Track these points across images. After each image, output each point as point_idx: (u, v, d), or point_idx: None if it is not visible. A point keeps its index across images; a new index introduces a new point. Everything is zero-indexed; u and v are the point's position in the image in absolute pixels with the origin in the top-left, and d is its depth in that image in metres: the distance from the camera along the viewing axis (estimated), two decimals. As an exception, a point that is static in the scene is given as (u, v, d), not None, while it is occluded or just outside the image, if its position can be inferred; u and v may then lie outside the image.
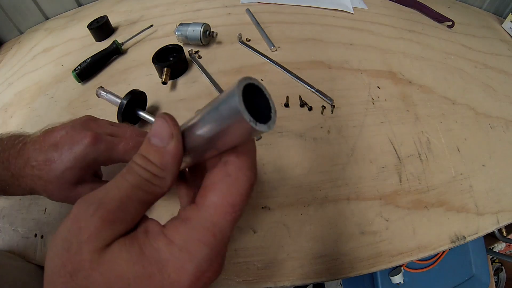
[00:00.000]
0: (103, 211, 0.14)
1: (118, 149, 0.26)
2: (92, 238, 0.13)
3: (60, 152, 0.25)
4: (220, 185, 0.15)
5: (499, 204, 0.37)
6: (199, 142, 0.15)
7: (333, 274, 0.31)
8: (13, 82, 0.58)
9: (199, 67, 0.50)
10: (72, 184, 0.26)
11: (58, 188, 0.25)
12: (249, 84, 0.13)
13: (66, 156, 0.25)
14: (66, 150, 0.25)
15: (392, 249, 0.32)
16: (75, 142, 0.25)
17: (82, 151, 0.25)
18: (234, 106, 0.12)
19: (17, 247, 0.35)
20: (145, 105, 0.43)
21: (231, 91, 0.12)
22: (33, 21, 0.75)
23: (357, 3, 0.66)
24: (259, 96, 0.13)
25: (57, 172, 0.25)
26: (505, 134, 0.44)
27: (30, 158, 0.25)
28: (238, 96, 0.12)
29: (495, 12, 0.74)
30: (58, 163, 0.25)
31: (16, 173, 0.26)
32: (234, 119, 0.12)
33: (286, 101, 0.43)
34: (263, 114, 0.13)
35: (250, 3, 0.64)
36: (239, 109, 0.12)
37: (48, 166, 0.25)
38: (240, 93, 0.12)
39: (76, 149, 0.25)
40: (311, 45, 0.53)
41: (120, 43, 0.54)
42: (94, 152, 0.25)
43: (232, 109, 0.12)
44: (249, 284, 0.30)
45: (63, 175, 0.25)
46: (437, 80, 0.49)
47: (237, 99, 0.12)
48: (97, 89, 0.42)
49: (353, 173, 0.37)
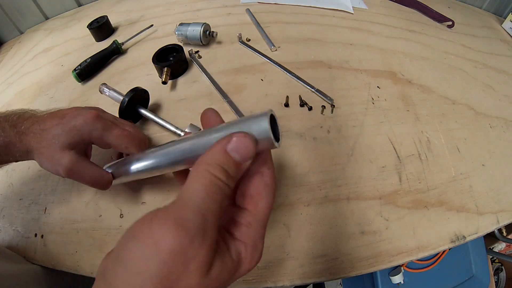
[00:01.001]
0: (209, 241, 0.16)
1: (112, 133, 0.30)
2: (200, 267, 0.16)
3: (65, 119, 0.29)
4: (265, 193, 0.19)
5: (499, 204, 0.37)
6: None
7: (333, 273, 0.31)
8: (13, 82, 0.58)
9: (199, 67, 0.50)
10: (60, 148, 0.28)
11: (48, 146, 0.28)
12: (272, 115, 0.19)
13: (68, 122, 0.29)
14: (70, 117, 0.29)
15: (392, 248, 0.32)
16: (78, 114, 0.29)
17: (82, 121, 0.29)
18: (265, 128, 0.18)
19: (17, 247, 0.35)
20: (147, 103, 0.44)
21: (261, 117, 0.18)
22: (33, 21, 0.75)
23: (357, 3, 0.66)
24: (273, 121, 0.19)
25: (55, 132, 0.28)
26: (505, 134, 0.44)
27: (39, 121, 0.29)
28: (268, 123, 0.18)
29: (495, 12, 0.74)
30: (59, 126, 0.28)
31: (21, 131, 0.29)
32: (264, 138, 0.18)
33: (286, 101, 0.43)
34: (275, 134, 0.19)
35: (250, 3, 0.64)
36: (268, 132, 0.18)
37: (51, 127, 0.29)
38: (268, 121, 0.18)
39: (77, 119, 0.29)
40: (311, 45, 0.53)
41: (120, 43, 0.54)
42: (91, 126, 0.29)
43: (263, 131, 0.18)
44: (249, 284, 0.30)
45: (58, 136, 0.28)
46: (437, 80, 0.49)
47: (267, 125, 0.18)
48: (100, 86, 0.42)
49: (353, 172, 0.37)
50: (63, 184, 0.38)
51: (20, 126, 0.29)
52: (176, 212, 0.16)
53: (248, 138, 0.18)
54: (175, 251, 0.15)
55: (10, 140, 0.29)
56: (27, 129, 0.29)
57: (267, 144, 0.18)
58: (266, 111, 0.19)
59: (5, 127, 0.29)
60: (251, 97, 0.44)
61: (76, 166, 0.29)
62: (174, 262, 0.15)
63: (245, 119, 0.19)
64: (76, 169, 0.29)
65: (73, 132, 0.28)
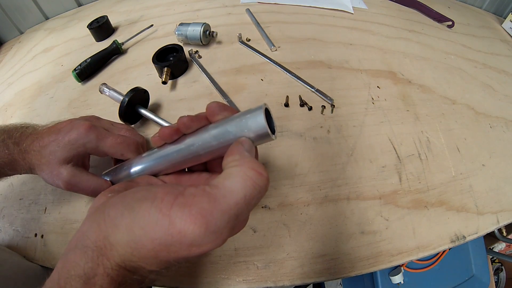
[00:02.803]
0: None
1: (106, 142, 0.30)
2: (200, 253, 0.18)
3: (60, 134, 0.30)
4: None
5: (499, 204, 0.37)
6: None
7: (333, 273, 0.31)
8: (13, 82, 0.58)
9: (199, 67, 0.50)
10: (59, 162, 0.29)
11: (47, 163, 0.29)
12: (266, 108, 0.20)
13: (63, 137, 0.29)
14: (64, 132, 0.30)
15: (392, 248, 0.32)
16: (73, 128, 0.30)
17: (76, 135, 0.29)
18: (262, 125, 0.19)
19: (17, 247, 0.35)
20: (147, 103, 0.43)
21: (256, 112, 0.19)
22: (33, 21, 0.75)
23: (357, 3, 0.66)
24: (268, 115, 0.20)
25: (52, 149, 0.29)
26: (505, 134, 0.44)
27: (38, 138, 0.30)
28: (263, 116, 0.19)
29: (495, 12, 0.74)
30: (55, 142, 0.29)
31: (23, 149, 0.30)
32: (261, 133, 0.19)
33: (286, 101, 0.43)
34: (271, 128, 0.20)
35: (250, 3, 0.64)
36: (264, 125, 0.19)
37: (48, 143, 0.29)
38: (264, 114, 0.19)
39: (72, 133, 0.29)
40: (311, 45, 0.53)
41: (120, 43, 0.54)
42: (85, 138, 0.29)
43: (260, 127, 0.19)
44: (249, 284, 0.30)
45: (55, 152, 0.29)
46: (437, 80, 0.49)
47: (263, 119, 0.19)
48: (100, 85, 0.42)
49: (353, 172, 0.37)
50: (63, 184, 0.38)
51: (22, 144, 0.30)
52: (205, 205, 0.17)
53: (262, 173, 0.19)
54: (187, 237, 0.16)
55: (13, 157, 0.30)
56: (28, 147, 0.30)
57: (264, 138, 0.19)
58: (260, 106, 0.19)
59: (9, 144, 0.30)
60: (251, 97, 0.44)
61: (74, 180, 0.30)
62: (181, 243, 0.17)
63: (241, 116, 0.20)
64: (75, 182, 0.30)
65: (68, 147, 0.29)
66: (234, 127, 0.20)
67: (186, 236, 0.16)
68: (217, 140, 0.21)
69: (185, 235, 0.16)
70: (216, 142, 0.21)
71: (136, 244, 0.17)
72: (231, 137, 0.20)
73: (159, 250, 0.17)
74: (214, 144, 0.21)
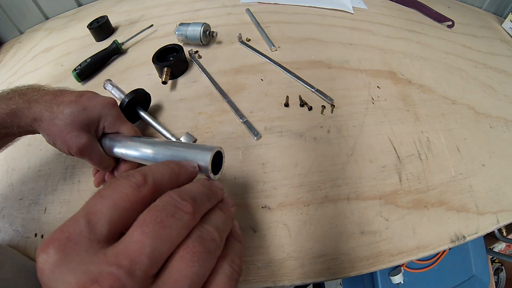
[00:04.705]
0: None
1: (126, 124, 0.32)
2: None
3: (83, 98, 0.29)
4: None
5: (499, 203, 0.37)
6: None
7: (333, 273, 0.31)
8: (13, 82, 0.58)
9: (199, 67, 0.50)
10: (79, 126, 0.28)
11: (64, 121, 0.28)
12: (218, 151, 0.24)
13: (87, 101, 0.29)
14: (88, 97, 0.29)
15: (392, 248, 0.32)
16: (97, 96, 0.30)
17: (101, 104, 0.30)
18: (206, 163, 0.23)
19: (17, 247, 0.35)
20: (148, 106, 0.43)
21: (207, 151, 0.23)
22: (33, 21, 0.75)
23: (357, 3, 0.66)
24: (219, 157, 0.25)
25: (73, 109, 0.28)
26: (505, 134, 0.44)
27: (50, 93, 0.29)
28: (210, 159, 0.22)
29: (495, 12, 0.74)
30: (78, 104, 0.29)
31: (32, 99, 0.29)
32: (204, 167, 0.23)
33: (286, 101, 0.43)
34: (217, 166, 0.24)
35: (250, 3, 0.64)
36: (208, 166, 0.22)
37: (68, 102, 0.28)
38: (212, 155, 0.23)
39: (97, 101, 0.30)
40: (311, 45, 0.53)
41: (120, 43, 0.54)
42: (108, 111, 0.30)
43: (205, 163, 0.23)
44: (249, 284, 0.30)
45: (76, 114, 0.28)
46: (437, 80, 0.49)
47: (210, 157, 0.22)
48: (105, 81, 0.43)
49: (353, 172, 0.37)
50: (63, 184, 0.38)
51: (31, 95, 0.29)
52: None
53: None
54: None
55: (16, 106, 0.29)
56: (39, 98, 0.29)
57: (206, 173, 0.23)
58: (216, 147, 0.23)
59: (14, 96, 0.29)
60: (251, 97, 0.44)
61: (90, 147, 0.29)
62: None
63: (198, 147, 0.24)
64: (90, 150, 0.30)
65: (91, 112, 0.29)
66: (188, 154, 0.24)
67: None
68: (173, 156, 0.25)
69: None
70: (171, 156, 0.25)
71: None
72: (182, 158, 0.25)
73: None
74: (168, 155, 0.25)
